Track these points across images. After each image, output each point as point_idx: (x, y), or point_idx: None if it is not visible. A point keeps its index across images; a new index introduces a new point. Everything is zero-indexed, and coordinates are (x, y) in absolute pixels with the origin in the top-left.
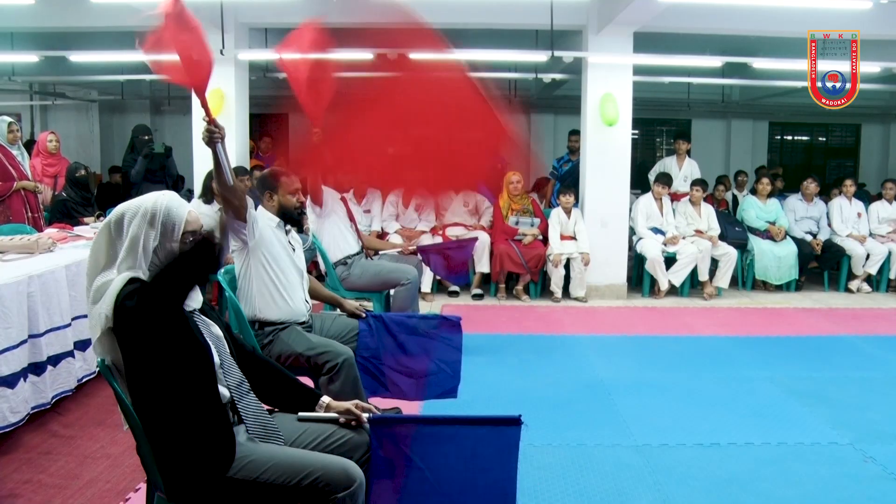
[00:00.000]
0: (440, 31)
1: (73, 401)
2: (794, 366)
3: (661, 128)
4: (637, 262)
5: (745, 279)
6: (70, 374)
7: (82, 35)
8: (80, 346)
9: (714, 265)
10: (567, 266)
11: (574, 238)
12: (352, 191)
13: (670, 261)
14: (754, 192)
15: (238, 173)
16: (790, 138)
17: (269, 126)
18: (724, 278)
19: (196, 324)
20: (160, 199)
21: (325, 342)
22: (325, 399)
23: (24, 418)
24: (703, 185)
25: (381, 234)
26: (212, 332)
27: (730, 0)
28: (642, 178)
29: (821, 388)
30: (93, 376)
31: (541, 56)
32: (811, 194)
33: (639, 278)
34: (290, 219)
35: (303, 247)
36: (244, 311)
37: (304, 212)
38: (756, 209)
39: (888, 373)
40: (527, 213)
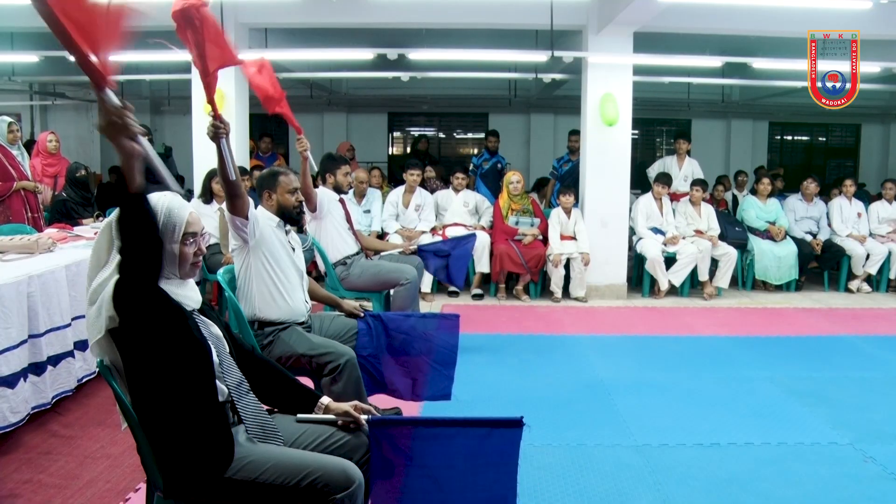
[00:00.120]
0: (440, 31)
1: (73, 401)
2: (794, 366)
3: (661, 128)
4: (637, 262)
5: (745, 279)
6: (70, 374)
7: None
8: (80, 346)
9: (714, 265)
10: (567, 266)
11: (574, 238)
12: (351, 192)
13: (670, 261)
14: (754, 192)
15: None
16: (790, 138)
17: (268, 126)
18: (724, 278)
19: (195, 323)
20: (161, 201)
21: (326, 342)
22: (325, 400)
23: (25, 418)
24: (703, 185)
25: (381, 235)
26: (211, 332)
27: (730, 0)
28: (642, 178)
29: (821, 388)
30: (93, 376)
31: (541, 56)
32: (811, 194)
33: (639, 278)
34: (290, 218)
35: (302, 247)
36: (244, 311)
37: (304, 211)
38: (756, 209)
39: (888, 373)
40: (527, 213)
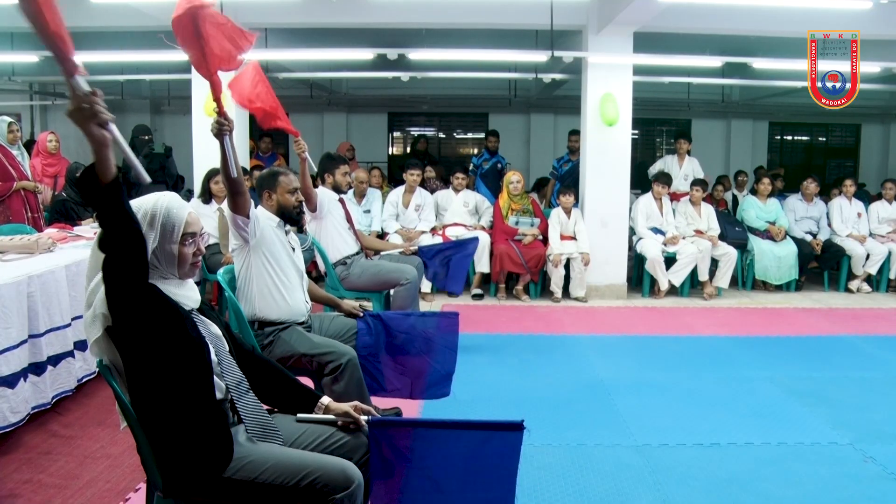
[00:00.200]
0: (440, 31)
1: (73, 401)
2: (794, 366)
3: (661, 128)
4: (637, 262)
5: (745, 279)
6: (70, 374)
7: (82, 35)
8: (80, 346)
9: (714, 265)
10: (567, 266)
11: (574, 238)
12: (351, 192)
13: (670, 261)
14: (754, 192)
15: None
16: (790, 138)
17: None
18: (724, 278)
19: (194, 323)
20: (160, 201)
21: (328, 342)
22: (325, 400)
23: (25, 418)
24: (703, 185)
25: (381, 235)
26: (210, 332)
27: (730, 0)
28: (642, 178)
29: (821, 388)
30: (93, 376)
31: (541, 56)
32: (811, 194)
33: (639, 278)
34: (289, 218)
35: (301, 247)
36: (244, 311)
37: (303, 211)
38: (756, 209)
39: (888, 373)
40: (527, 213)
